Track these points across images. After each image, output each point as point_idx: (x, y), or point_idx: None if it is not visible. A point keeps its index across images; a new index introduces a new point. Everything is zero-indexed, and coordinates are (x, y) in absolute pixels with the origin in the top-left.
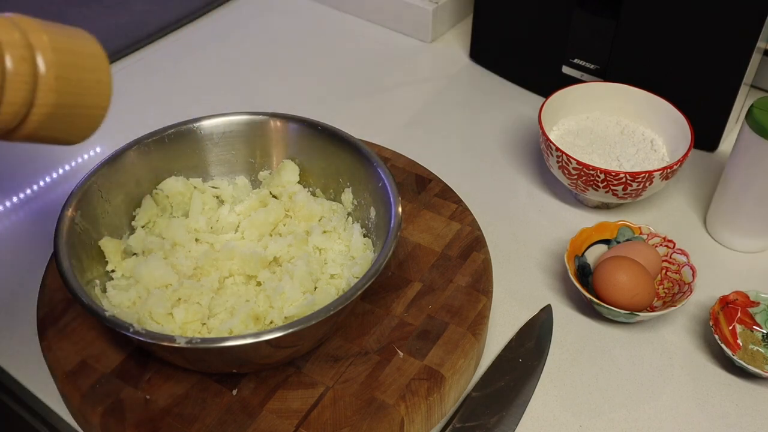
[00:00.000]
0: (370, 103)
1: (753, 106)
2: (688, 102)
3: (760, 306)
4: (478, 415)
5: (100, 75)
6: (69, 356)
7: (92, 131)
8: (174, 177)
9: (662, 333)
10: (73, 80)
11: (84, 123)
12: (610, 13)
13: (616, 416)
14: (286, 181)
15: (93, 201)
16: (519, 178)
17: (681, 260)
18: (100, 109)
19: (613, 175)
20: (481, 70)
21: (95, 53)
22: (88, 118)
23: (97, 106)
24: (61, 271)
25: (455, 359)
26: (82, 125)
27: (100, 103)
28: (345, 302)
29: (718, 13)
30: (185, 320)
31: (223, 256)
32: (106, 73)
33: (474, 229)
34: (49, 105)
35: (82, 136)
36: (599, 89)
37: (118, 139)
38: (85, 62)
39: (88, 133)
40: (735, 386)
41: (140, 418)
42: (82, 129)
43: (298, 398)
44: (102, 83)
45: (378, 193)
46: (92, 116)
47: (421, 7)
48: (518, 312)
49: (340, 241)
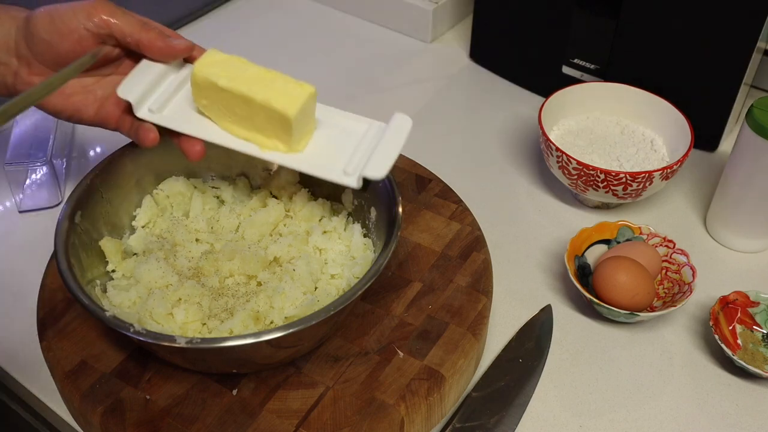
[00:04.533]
0: (370, 103)
1: (753, 106)
2: (688, 102)
3: (760, 306)
4: (478, 415)
5: None
6: (69, 356)
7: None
8: (174, 177)
9: (662, 333)
10: None
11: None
12: (610, 13)
13: (616, 416)
14: (286, 181)
15: (93, 201)
16: (519, 178)
17: (681, 260)
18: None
19: (613, 175)
20: (481, 70)
21: None
22: None
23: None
24: (61, 271)
25: (455, 359)
26: None
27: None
28: (345, 302)
29: (718, 13)
30: (185, 320)
31: (224, 257)
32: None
33: (474, 229)
34: None
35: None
36: (599, 89)
37: (118, 139)
38: None
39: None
40: (735, 386)
41: (140, 418)
42: None
43: (298, 398)
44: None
45: (378, 193)
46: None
47: (421, 7)
48: (518, 312)
49: (340, 242)
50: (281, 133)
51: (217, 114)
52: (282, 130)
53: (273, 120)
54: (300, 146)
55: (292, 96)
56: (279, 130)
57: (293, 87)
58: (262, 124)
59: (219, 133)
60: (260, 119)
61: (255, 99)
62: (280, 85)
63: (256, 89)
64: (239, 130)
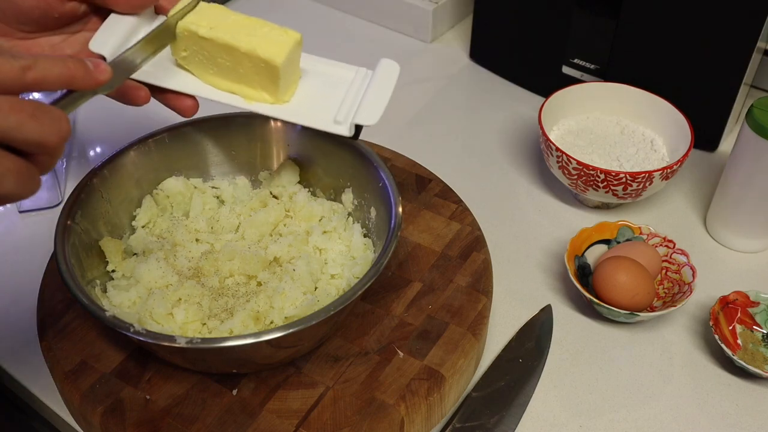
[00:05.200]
0: None
1: (753, 106)
2: (688, 102)
3: (760, 306)
4: (478, 415)
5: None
6: (69, 356)
7: None
8: (174, 177)
9: (662, 333)
10: None
11: None
12: (610, 13)
13: (616, 416)
14: (286, 181)
15: (93, 201)
16: (519, 178)
17: (681, 260)
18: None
19: (613, 175)
20: (481, 70)
21: None
22: None
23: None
24: (61, 271)
25: (455, 359)
26: None
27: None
28: (345, 302)
29: (718, 13)
30: (185, 320)
31: (224, 257)
32: None
33: (474, 229)
34: None
35: None
36: (599, 89)
37: (118, 139)
38: None
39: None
40: (735, 386)
41: (140, 418)
42: None
43: (298, 398)
44: None
45: (378, 193)
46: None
47: (421, 7)
48: (518, 312)
49: (340, 242)
50: (267, 83)
51: (198, 66)
52: (268, 79)
53: (259, 69)
54: (287, 96)
55: (278, 43)
56: (265, 80)
57: (278, 34)
58: (246, 74)
59: (202, 86)
60: (245, 69)
61: (239, 47)
62: (265, 33)
63: (239, 37)
64: (223, 83)
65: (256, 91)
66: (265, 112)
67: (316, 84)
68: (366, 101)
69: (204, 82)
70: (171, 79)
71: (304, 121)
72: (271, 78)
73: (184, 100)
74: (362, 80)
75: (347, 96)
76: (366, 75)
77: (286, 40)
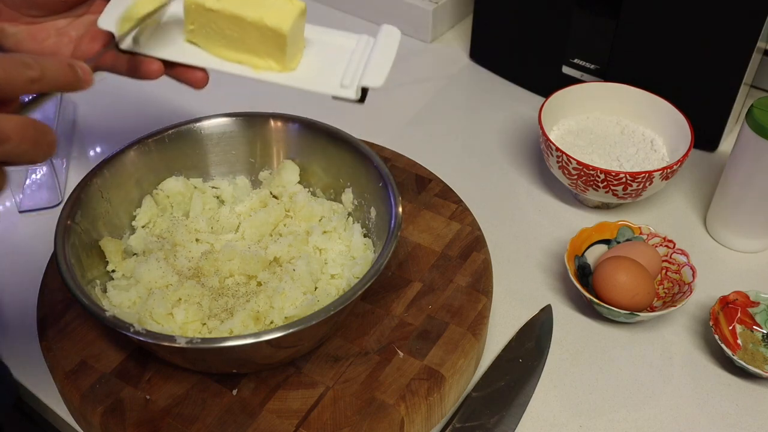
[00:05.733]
0: (370, 103)
1: (753, 106)
2: (688, 102)
3: (760, 306)
4: (478, 415)
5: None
6: (69, 356)
7: None
8: (174, 177)
9: (662, 333)
10: None
11: None
12: (610, 13)
13: (616, 416)
14: (286, 181)
15: (93, 201)
16: (519, 178)
17: (681, 260)
18: None
19: (613, 175)
20: (481, 70)
21: None
22: None
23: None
24: (61, 271)
25: (455, 359)
26: None
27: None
28: (345, 302)
29: (718, 13)
30: (185, 320)
31: (224, 257)
32: None
33: (474, 229)
34: None
35: None
36: (599, 89)
37: (118, 139)
38: None
39: None
40: (735, 386)
41: (140, 418)
42: None
43: (298, 398)
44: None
45: (378, 193)
46: None
47: (421, 7)
48: (518, 312)
49: (340, 242)
50: (275, 52)
51: (206, 39)
52: (275, 47)
53: (266, 38)
54: (293, 64)
55: (283, 12)
56: (272, 49)
57: (283, 3)
58: (253, 44)
59: (211, 59)
60: (252, 39)
61: (246, 18)
62: (270, 3)
63: (246, 8)
64: (230, 53)
65: (264, 60)
66: (272, 80)
67: (321, 52)
68: (370, 65)
69: (212, 54)
70: (180, 53)
71: (311, 87)
72: (278, 46)
73: (194, 73)
74: (365, 46)
75: (351, 61)
76: (368, 41)
77: (291, 9)
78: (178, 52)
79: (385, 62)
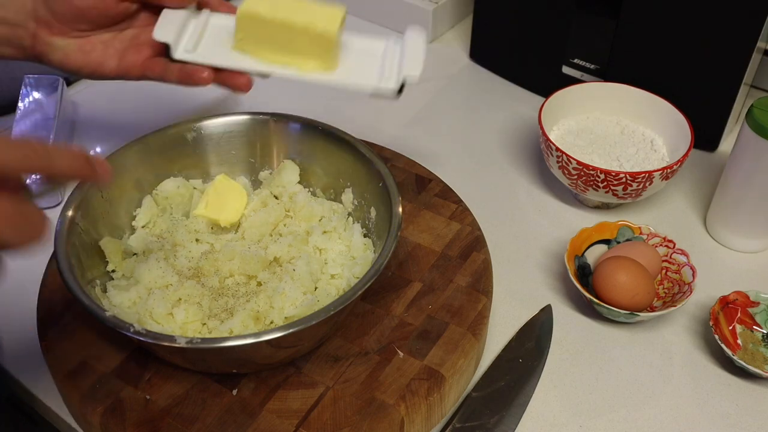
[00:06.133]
0: (370, 103)
1: (753, 106)
2: (688, 102)
3: (760, 306)
4: (478, 415)
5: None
6: (69, 356)
7: None
8: (173, 178)
9: (662, 333)
10: None
11: None
12: (610, 13)
13: (616, 416)
14: (286, 181)
15: (93, 201)
16: (519, 178)
17: (681, 260)
18: None
19: (613, 175)
20: (481, 70)
21: None
22: None
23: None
24: (61, 271)
25: (455, 359)
26: None
27: None
28: (345, 302)
29: (718, 13)
30: (185, 320)
31: (224, 257)
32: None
33: (474, 229)
34: None
35: None
36: (599, 89)
37: (118, 139)
38: None
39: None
40: (735, 386)
41: (140, 418)
42: None
43: (298, 398)
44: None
45: (378, 193)
46: None
47: (421, 7)
48: (518, 312)
49: (340, 242)
50: (321, 53)
51: (253, 46)
52: (322, 49)
53: (313, 42)
54: (335, 65)
55: (329, 17)
56: (318, 50)
57: (326, 9)
58: (300, 47)
59: (258, 63)
60: (299, 43)
61: (297, 24)
62: (315, 9)
63: (295, 15)
64: (276, 57)
65: (308, 61)
66: (318, 80)
67: (355, 53)
68: (406, 59)
69: (259, 59)
70: (230, 59)
71: (354, 84)
72: (325, 48)
73: (238, 78)
74: (394, 45)
75: (386, 58)
76: (396, 40)
77: (335, 14)
78: (227, 58)
79: (418, 56)
